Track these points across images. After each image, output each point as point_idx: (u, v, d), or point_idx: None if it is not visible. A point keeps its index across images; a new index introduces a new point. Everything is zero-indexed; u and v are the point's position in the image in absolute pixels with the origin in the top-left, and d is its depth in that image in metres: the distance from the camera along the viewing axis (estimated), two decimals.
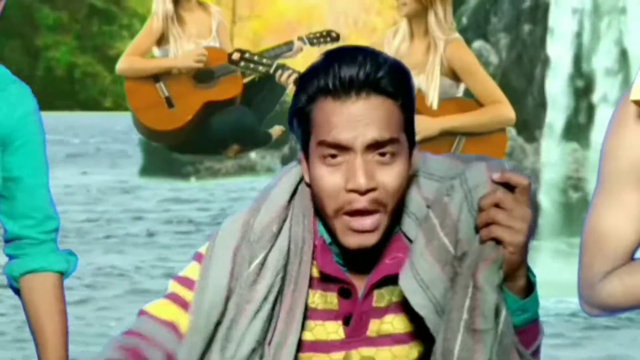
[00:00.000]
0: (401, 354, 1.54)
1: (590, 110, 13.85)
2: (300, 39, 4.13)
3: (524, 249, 1.41)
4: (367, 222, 1.42)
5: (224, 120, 4.14)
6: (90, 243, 14.61)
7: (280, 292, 1.48)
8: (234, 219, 1.56)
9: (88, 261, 13.71)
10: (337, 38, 4.22)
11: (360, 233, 1.44)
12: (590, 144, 14.18)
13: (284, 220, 1.51)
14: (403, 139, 1.46)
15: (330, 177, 1.42)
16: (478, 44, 13.66)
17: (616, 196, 1.46)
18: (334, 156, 1.43)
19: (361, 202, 1.42)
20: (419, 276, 1.43)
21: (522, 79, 14.46)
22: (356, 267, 1.52)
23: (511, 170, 1.44)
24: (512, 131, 14.33)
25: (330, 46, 4.10)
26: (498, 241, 1.39)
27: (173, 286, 1.53)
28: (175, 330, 1.49)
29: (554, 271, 12.58)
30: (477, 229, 1.43)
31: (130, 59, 3.93)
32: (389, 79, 1.42)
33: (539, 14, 14.57)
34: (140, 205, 17.71)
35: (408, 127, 1.47)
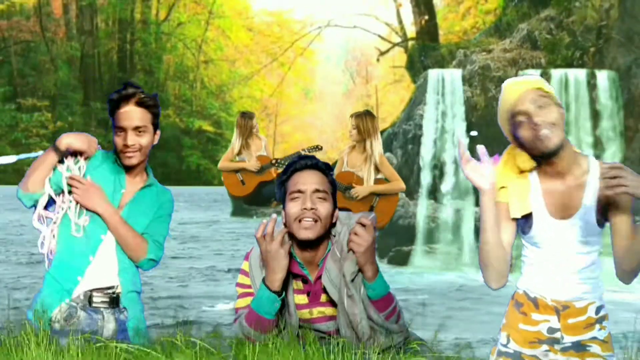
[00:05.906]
0: (332, 309, 2.27)
1: (440, 190, 19.54)
2: (303, 150, 5.68)
3: (363, 255, 2.14)
4: (310, 222, 2.21)
5: (268, 190, 6.20)
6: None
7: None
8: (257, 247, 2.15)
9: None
10: (321, 149, 5.69)
11: (306, 229, 2.19)
12: (441, 202, 19.41)
13: None
14: (330, 192, 2.25)
15: (294, 205, 2.21)
16: (387, 154, 17.90)
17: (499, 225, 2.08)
18: (297, 197, 2.21)
19: (308, 214, 2.19)
20: (327, 271, 2.22)
21: (408, 171, 19.35)
22: (310, 269, 2.28)
23: (365, 216, 2.20)
24: (404, 196, 17.87)
25: (317, 152, 5.53)
26: (354, 251, 2.12)
27: (241, 279, 2.31)
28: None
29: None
30: (348, 245, 2.16)
31: (223, 163, 5.94)
32: (320, 165, 2.25)
33: (415, 144, 19.97)
34: (234, 226, 28.38)
35: (333, 190, 2.27)
